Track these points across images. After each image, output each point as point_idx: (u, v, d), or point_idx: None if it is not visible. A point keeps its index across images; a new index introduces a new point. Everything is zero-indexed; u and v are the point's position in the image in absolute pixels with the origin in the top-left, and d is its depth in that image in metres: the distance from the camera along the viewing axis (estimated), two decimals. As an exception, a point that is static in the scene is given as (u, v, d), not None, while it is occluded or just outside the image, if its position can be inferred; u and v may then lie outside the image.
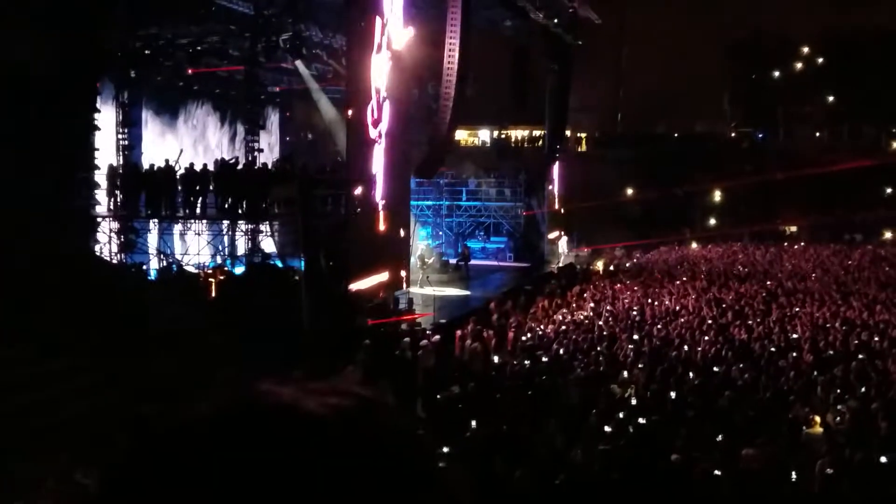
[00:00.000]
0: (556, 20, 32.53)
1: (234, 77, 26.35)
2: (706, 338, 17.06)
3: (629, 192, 45.71)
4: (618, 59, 48.34)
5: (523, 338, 18.69)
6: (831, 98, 52.75)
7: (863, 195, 43.42)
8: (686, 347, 16.26)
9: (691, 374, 14.11)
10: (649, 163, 44.78)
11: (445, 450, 10.50)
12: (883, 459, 9.17)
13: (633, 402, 12.56)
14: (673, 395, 12.80)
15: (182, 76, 26.05)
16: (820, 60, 54.66)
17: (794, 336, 17.35)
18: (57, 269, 14.04)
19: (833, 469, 9.07)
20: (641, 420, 11.34)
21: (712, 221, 46.97)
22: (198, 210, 21.36)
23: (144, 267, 20.32)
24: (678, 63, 48.59)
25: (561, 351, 16.59)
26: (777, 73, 55.90)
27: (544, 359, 15.85)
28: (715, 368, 14.55)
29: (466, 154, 38.84)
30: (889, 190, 45.68)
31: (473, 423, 11.24)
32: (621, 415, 11.66)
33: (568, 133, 42.08)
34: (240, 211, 21.10)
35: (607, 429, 11.04)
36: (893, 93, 47.12)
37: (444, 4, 23.78)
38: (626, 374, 14.36)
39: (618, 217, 41.05)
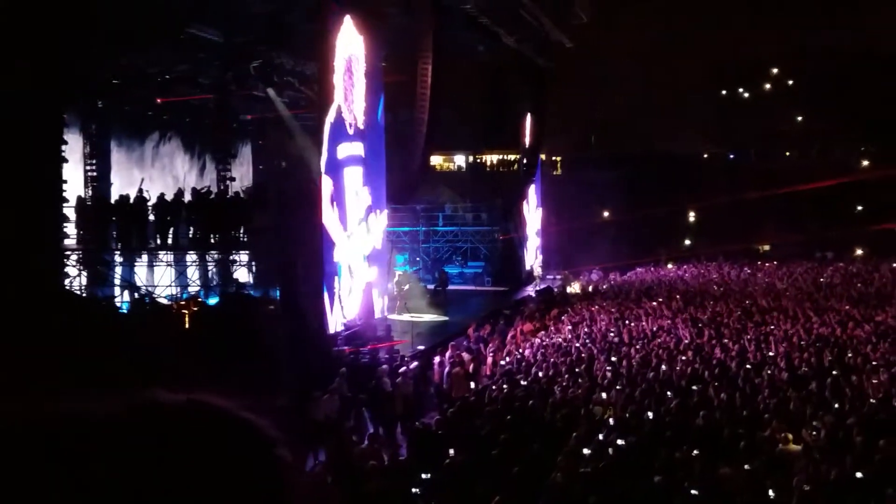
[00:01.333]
0: (528, 44, 32.77)
1: (205, 106, 26.23)
2: (683, 358, 17.10)
3: (605, 213, 45.98)
4: (591, 81, 48.76)
5: (502, 362, 18.64)
6: (800, 118, 53.52)
7: (834, 213, 43.97)
8: (664, 367, 16.27)
9: (669, 394, 14.10)
10: (624, 184, 45.11)
11: (425, 476, 10.42)
12: (858, 475, 9.17)
13: (612, 423, 12.52)
14: (651, 415, 12.78)
15: (151, 106, 25.84)
16: (790, 82, 55.53)
17: (770, 354, 17.43)
18: (26, 304, 13.82)
19: (810, 485, 9.06)
20: (620, 441, 11.29)
21: (687, 242, 47.31)
22: (169, 241, 21.18)
23: (116, 300, 20.10)
24: (651, 84, 49.12)
25: (540, 374, 16.53)
26: (748, 94, 56.70)
27: (523, 382, 15.78)
28: (693, 388, 14.55)
29: (442, 179, 38.94)
30: (860, 207, 46.25)
31: (452, 449, 11.12)
32: (601, 437, 11.62)
33: (543, 156, 42.31)
34: (212, 241, 20.94)
35: (587, 451, 10.98)
36: (862, 112, 47.88)
37: (416, 29, 23.89)
38: (604, 395, 14.33)
39: (594, 238, 41.22)
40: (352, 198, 20.51)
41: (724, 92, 56.80)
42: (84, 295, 19.89)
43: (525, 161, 37.51)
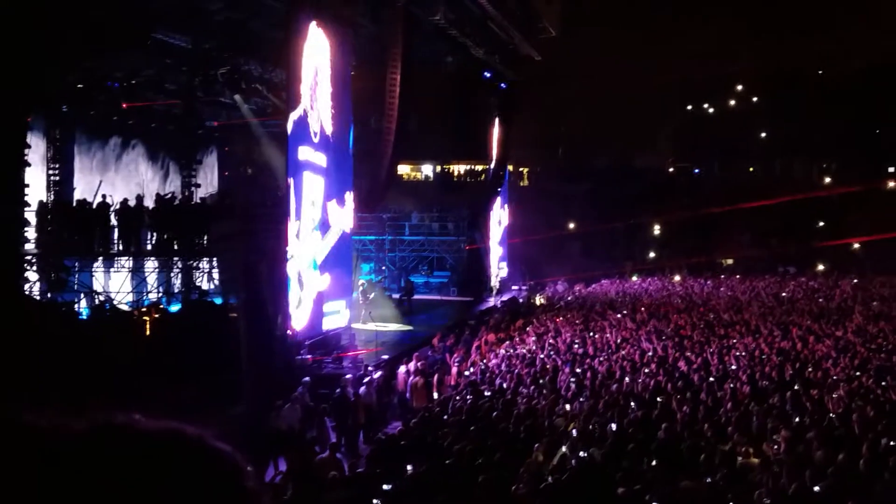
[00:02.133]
0: (497, 56, 32.91)
1: (171, 111, 25.92)
2: (647, 370, 17.18)
3: (571, 225, 46.28)
4: (559, 94, 49.10)
5: (466, 372, 18.61)
6: (763, 134, 54.41)
7: (796, 229, 44.70)
8: (627, 379, 16.33)
9: (633, 406, 14.14)
10: (590, 196, 45.49)
11: (387, 487, 10.33)
12: (816, 489, 9.25)
13: (575, 434, 12.51)
14: (614, 427, 12.79)
15: (116, 111, 25.40)
16: (754, 99, 56.47)
17: (732, 367, 17.57)
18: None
19: (770, 499, 9.12)
20: (583, 453, 11.28)
21: (652, 254, 47.76)
22: (132, 247, 20.87)
23: (75, 306, 19.76)
24: (618, 99, 49.61)
25: (504, 385, 16.51)
26: (712, 110, 57.55)
27: (487, 393, 15.75)
28: (657, 399, 14.60)
29: (409, 188, 38.89)
30: (821, 223, 47.02)
31: (414, 461, 11.05)
32: (564, 448, 11.60)
33: (510, 167, 42.44)
34: (175, 247, 20.67)
35: (550, 463, 10.96)
36: (823, 129, 48.77)
37: (385, 39, 23.88)
38: (568, 406, 14.34)
39: (560, 250, 41.44)
40: (307, 205, 20.03)
41: (689, 107, 57.59)
42: (43, 300, 19.53)
43: (492, 172, 37.57)
